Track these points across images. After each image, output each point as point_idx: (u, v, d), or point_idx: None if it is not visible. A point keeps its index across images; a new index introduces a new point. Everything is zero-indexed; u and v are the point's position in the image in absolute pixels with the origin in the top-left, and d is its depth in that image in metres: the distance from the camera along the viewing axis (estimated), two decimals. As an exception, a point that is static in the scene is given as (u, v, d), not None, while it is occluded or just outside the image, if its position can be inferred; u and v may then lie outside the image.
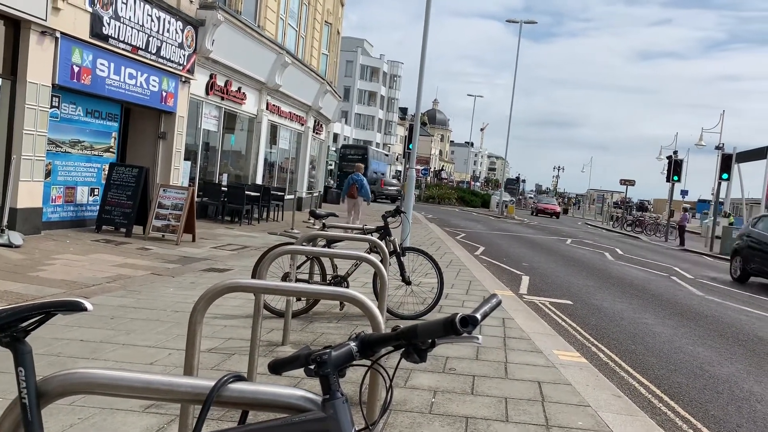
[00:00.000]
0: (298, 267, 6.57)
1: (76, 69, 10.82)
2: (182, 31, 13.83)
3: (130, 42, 12.07)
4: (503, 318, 7.31)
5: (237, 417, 1.44)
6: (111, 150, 12.85)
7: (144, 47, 12.55)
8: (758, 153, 39.28)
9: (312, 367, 1.29)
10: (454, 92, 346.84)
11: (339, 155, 50.38)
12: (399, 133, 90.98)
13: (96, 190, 12.39)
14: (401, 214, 7.89)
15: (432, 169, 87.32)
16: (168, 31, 13.30)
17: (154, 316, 6.12)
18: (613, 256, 19.51)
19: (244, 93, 17.83)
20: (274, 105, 20.36)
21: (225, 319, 6.21)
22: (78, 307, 1.42)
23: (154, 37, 12.82)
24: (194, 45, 14.38)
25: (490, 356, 5.67)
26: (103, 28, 11.29)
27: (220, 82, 16.32)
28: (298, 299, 6.45)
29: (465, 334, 1.26)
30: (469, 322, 1.25)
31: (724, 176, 27.20)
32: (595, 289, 11.81)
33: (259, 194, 17.35)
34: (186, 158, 15.20)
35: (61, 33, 10.31)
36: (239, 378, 1.36)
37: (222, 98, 16.67)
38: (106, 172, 12.13)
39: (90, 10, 10.88)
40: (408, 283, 7.05)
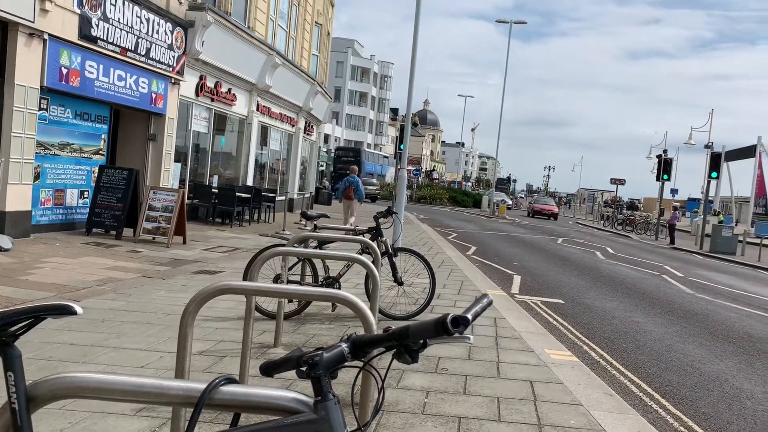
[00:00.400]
0: (290, 268, 6.56)
1: (64, 71, 10.76)
2: (171, 32, 13.78)
3: (119, 43, 12.02)
4: (495, 318, 7.32)
5: (229, 420, 1.43)
6: (100, 152, 12.78)
7: (133, 49, 12.49)
8: (747, 151, 39.68)
9: (304, 369, 1.29)
10: (445, 92, 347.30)
11: (333, 157, 51.75)
12: (390, 133, 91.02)
13: (86, 193, 12.32)
14: (393, 215, 7.89)
15: (423, 170, 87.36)
16: (157, 32, 13.25)
17: (145, 319, 6.09)
18: (604, 255, 19.60)
19: (234, 94, 17.79)
20: (264, 106, 20.32)
21: (216, 321, 6.19)
22: (67, 311, 1.42)
23: (143, 38, 12.77)
24: (184, 46, 14.33)
25: (482, 356, 5.68)
26: (92, 29, 11.22)
27: (210, 83, 16.27)
28: (290, 301, 6.44)
29: (456, 335, 1.26)
30: (461, 323, 1.26)
31: (714, 175, 27.38)
32: (586, 288, 11.85)
33: (249, 196, 17.30)
34: (176, 160, 15.14)
35: (49, 35, 10.24)
36: (230, 380, 1.36)
37: (212, 99, 16.62)
38: (96, 175, 12.06)
39: (78, 11, 10.81)
40: (400, 283, 7.04)
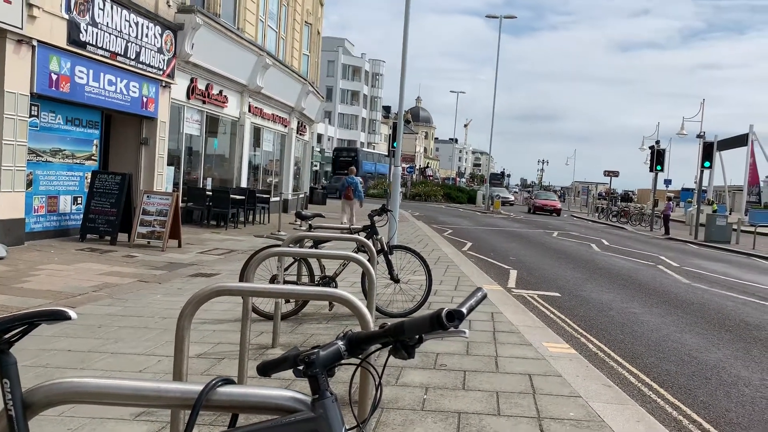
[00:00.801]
0: (286, 269, 6.56)
1: (54, 77, 10.71)
2: (161, 35, 13.73)
3: (108, 48, 11.97)
4: (492, 312, 7.34)
5: (228, 421, 1.43)
6: (93, 158, 12.74)
7: (123, 53, 12.45)
8: (739, 140, 39.82)
9: (300, 367, 1.29)
10: (436, 89, 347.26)
11: (332, 157, 54.76)
12: (383, 131, 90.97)
13: (79, 199, 12.28)
14: (388, 213, 7.89)
15: (417, 167, 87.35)
16: (146, 36, 13.20)
17: (142, 324, 6.07)
18: (600, 247, 19.65)
19: (225, 96, 17.75)
20: (256, 107, 20.28)
21: (214, 323, 6.18)
22: (62, 316, 1.41)
23: (132, 42, 12.72)
24: (174, 49, 14.29)
25: (480, 351, 5.70)
26: (81, 34, 11.18)
27: (201, 85, 16.23)
28: (287, 301, 6.44)
29: (452, 329, 1.26)
30: (455, 317, 1.26)
31: (706, 164, 27.44)
32: (583, 280, 11.88)
33: (244, 197, 17.28)
34: (169, 164, 15.10)
35: (38, 41, 10.20)
36: (228, 381, 1.35)
37: (203, 102, 16.59)
38: (89, 180, 12.02)
39: (66, 17, 10.77)
40: (396, 281, 7.05)
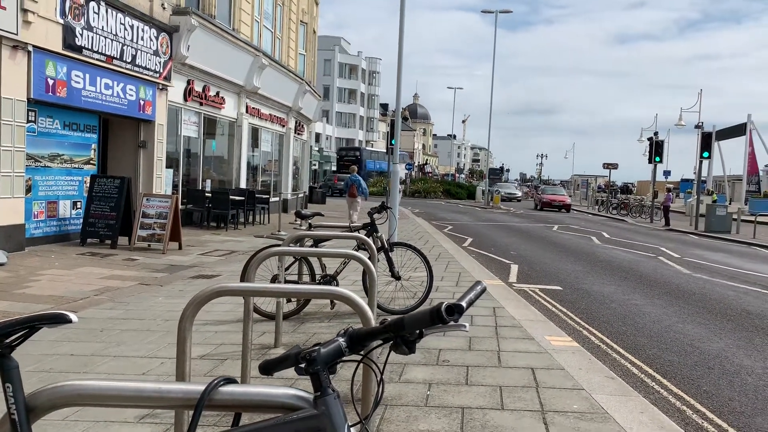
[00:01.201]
0: (287, 268, 6.56)
1: (50, 82, 10.71)
2: (156, 38, 13.72)
3: (104, 52, 11.96)
4: (494, 307, 7.34)
5: (231, 422, 1.44)
6: (91, 162, 12.74)
7: (119, 56, 12.44)
8: (737, 130, 39.78)
9: (302, 365, 1.29)
10: (434, 86, 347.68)
11: (336, 157, 58.84)
12: (381, 129, 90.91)
13: (79, 203, 12.28)
14: (387, 210, 7.89)
15: (416, 164, 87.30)
16: (142, 39, 13.19)
17: (144, 327, 6.08)
18: (600, 239, 19.65)
19: (222, 97, 17.74)
20: (253, 108, 20.27)
21: (216, 324, 6.19)
22: (63, 320, 1.41)
23: (128, 45, 12.71)
24: (170, 51, 14.27)
25: (482, 346, 5.70)
26: (76, 39, 11.17)
27: (197, 87, 16.22)
28: (289, 301, 6.44)
29: (452, 323, 1.27)
30: (455, 311, 1.26)
31: (705, 155, 27.43)
32: (584, 273, 11.89)
33: (243, 198, 17.28)
34: (168, 166, 15.10)
35: (34, 46, 10.19)
36: (230, 381, 1.36)
37: (201, 104, 16.58)
38: (88, 185, 12.02)
39: (61, 21, 10.76)
40: (397, 278, 7.05)
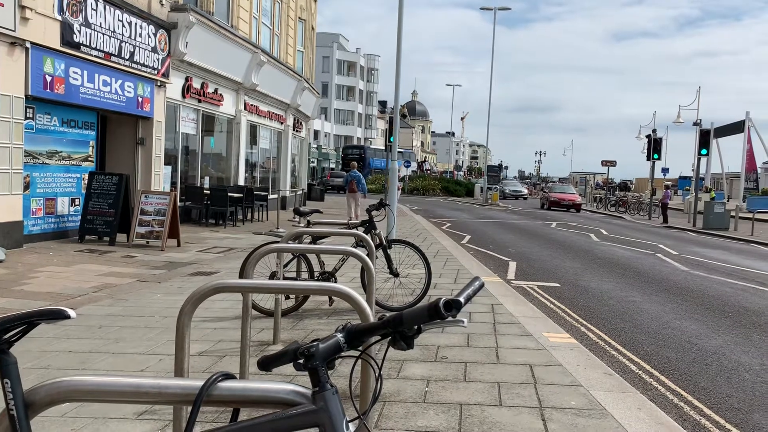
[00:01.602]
0: (285, 265, 6.57)
1: (48, 79, 10.68)
2: (155, 35, 13.70)
3: (102, 48, 11.94)
4: (492, 304, 7.35)
5: (230, 418, 1.44)
6: (89, 159, 12.73)
7: (117, 53, 12.41)
8: (735, 127, 39.82)
9: (300, 361, 1.29)
10: (432, 83, 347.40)
11: (341, 155, 62.77)
12: (380, 126, 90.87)
13: (77, 200, 12.27)
14: (386, 207, 7.89)
15: (416, 161, 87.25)
16: (140, 35, 13.16)
17: (142, 323, 6.08)
18: (598, 237, 19.67)
19: (221, 94, 17.71)
20: (252, 105, 20.25)
21: (214, 321, 6.19)
22: (61, 315, 1.41)
23: (126, 42, 12.69)
24: (168, 48, 14.25)
25: (481, 342, 5.71)
26: (74, 35, 11.15)
27: (196, 84, 16.20)
28: (287, 297, 6.44)
29: (450, 318, 1.27)
30: (453, 306, 1.26)
31: (703, 152, 27.43)
32: (582, 270, 11.90)
33: (242, 195, 17.26)
34: (166, 163, 15.08)
35: (32, 43, 10.16)
36: (228, 376, 1.36)
37: (199, 101, 16.55)
38: (86, 182, 12.01)
39: (59, 18, 10.73)
40: (396, 275, 7.06)
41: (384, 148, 69.89)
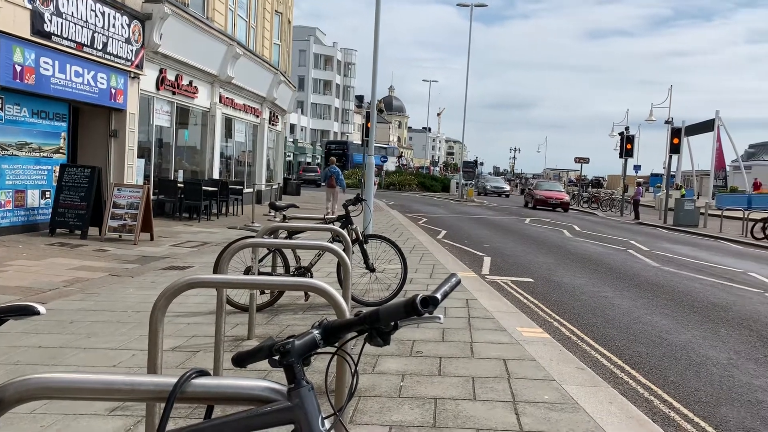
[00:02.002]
0: (260, 260, 6.53)
1: (18, 68, 10.46)
2: (128, 25, 13.48)
3: (74, 39, 11.71)
4: (467, 299, 7.40)
5: (204, 414, 1.42)
6: (61, 151, 12.50)
7: (89, 44, 12.19)
8: (705, 126, 40.50)
9: (276, 357, 1.29)
10: (409, 78, 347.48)
11: (324, 150, 61.48)
12: (356, 121, 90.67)
13: (47, 193, 12.04)
14: (362, 202, 7.88)
15: (398, 156, 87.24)
16: (113, 26, 12.94)
17: (115, 318, 6.00)
18: (571, 233, 19.89)
19: (195, 87, 17.51)
20: (227, 98, 20.05)
21: (188, 316, 6.13)
22: (30, 311, 1.39)
23: (99, 32, 12.47)
24: (142, 40, 14.04)
25: (455, 337, 5.74)
26: (45, 24, 10.92)
27: (170, 76, 15.99)
28: (262, 292, 6.41)
29: (426, 315, 1.27)
30: (430, 303, 1.27)
31: (674, 150, 27.90)
32: (555, 265, 12.03)
33: (216, 189, 17.11)
34: (139, 156, 14.87)
35: (0, 31, 9.94)
36: (202, 373, 1.35)
37: (173, 93, 16.34)
38: (57, 174, 11.80)
39: (29, 6, 10.50)
40: (372, 270, 7.06)
41: (361, 143, 70.09)
